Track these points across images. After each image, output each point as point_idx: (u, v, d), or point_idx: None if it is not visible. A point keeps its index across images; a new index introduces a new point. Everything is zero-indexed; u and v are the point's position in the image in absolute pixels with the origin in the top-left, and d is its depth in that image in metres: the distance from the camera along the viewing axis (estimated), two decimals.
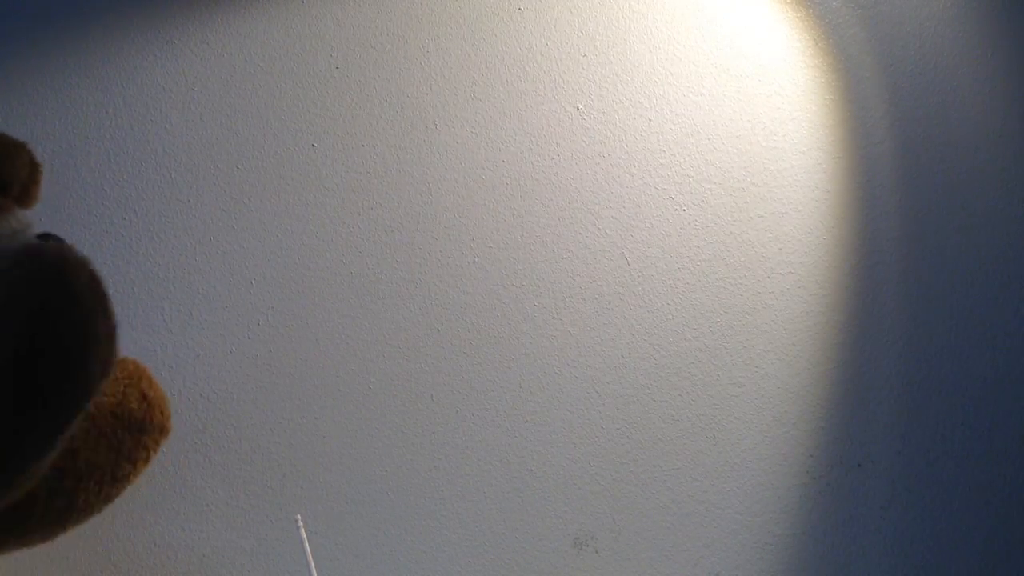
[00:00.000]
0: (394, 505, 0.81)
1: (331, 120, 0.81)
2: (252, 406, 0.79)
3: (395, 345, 0.81)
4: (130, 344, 0.77)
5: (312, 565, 0.69)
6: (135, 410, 0.62)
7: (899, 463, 0.87)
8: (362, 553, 0.81)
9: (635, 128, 0.85)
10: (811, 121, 0.88)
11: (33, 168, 0.59)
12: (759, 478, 0.86)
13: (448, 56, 0.83)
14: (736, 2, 0.87)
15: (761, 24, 0.87)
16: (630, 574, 0.84)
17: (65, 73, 0.77)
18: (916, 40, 0.90)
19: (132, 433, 0.62)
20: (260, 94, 0.80)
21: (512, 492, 0.83)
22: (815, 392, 0.86)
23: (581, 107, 0.85)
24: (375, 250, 0.81)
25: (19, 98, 0.76)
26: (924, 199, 0.90)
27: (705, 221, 0.86)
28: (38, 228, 0.76)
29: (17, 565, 0.74)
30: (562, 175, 0.84)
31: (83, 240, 0.76)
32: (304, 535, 0.69)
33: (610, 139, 0.85)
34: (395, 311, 0.81)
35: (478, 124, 0.83)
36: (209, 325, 0.78)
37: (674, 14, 0.86)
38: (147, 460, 0.64)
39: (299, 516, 0.71)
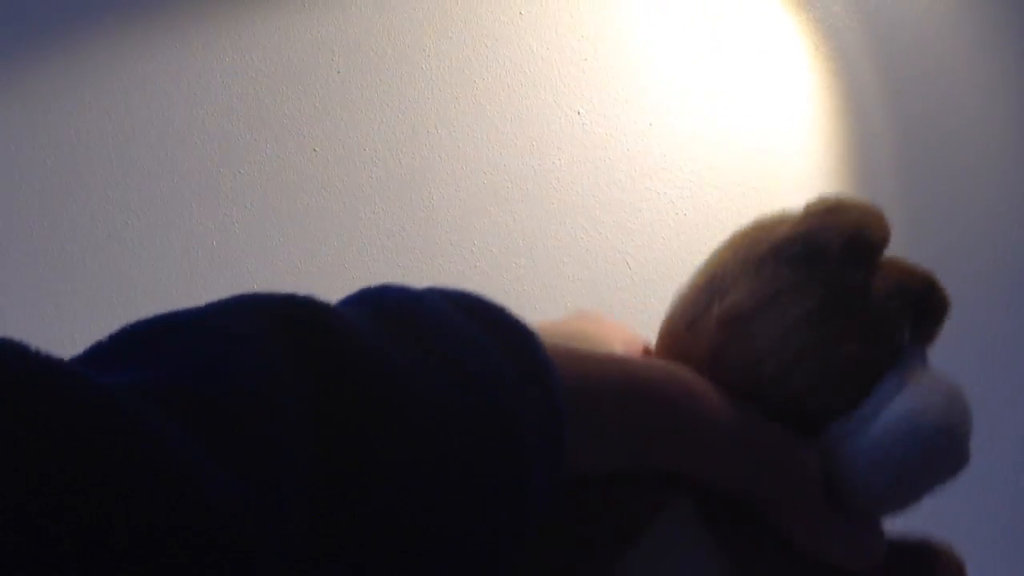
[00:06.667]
0: None
1: (333, 124, 0.81)
2: None
3: None
4: None
5: None
6: None
7: None
8: None
9: (636, 132, 0.85)
10: (812, 125, 0.88)
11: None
12: None
13: (449, 60, 0.83)
14: (737, 7, 0.87)
15: (762, 29, 0.88)
16: None
17: (69, 79, 0.77)
18: (916, 45, 0.91)
19: None
20: (262, 99, 0.80)
21: None
22: None
23: (582, 111, 0.85)
24: (376, 254, 0.81)
25: (23, 103, 0.76)
26: (925, 203, 0.90)
27: (706, 225, 0.86)
28: (39, 231, 0.76)
29: None
30: (563, 179, 0.84)
31: (86, 245, 0.76)
32: None
33: (611, 143, 0.85)
34: None
35: (479, 128, 0.83)
36: None
37: (675, 19, 0.86)
38: None
39: None
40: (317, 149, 0.81)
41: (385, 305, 0.28)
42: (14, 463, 0.18)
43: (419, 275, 0.82)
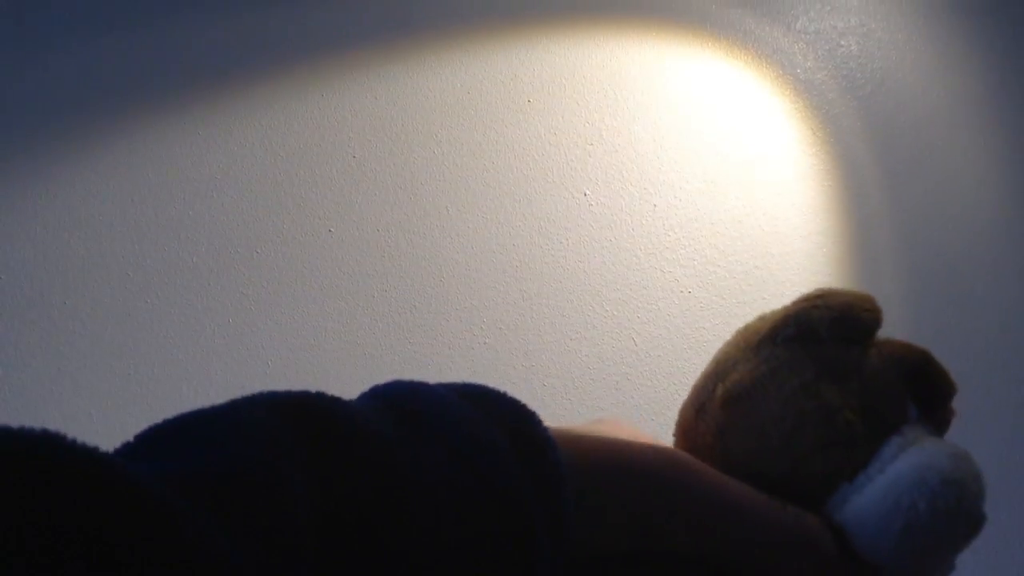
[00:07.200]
0: None
1: (347, 206, 0.82)
2: None
3: None
4: (149, 421, 0.77)
5: None
6: None
7: None
8: None
9: (640, 213, 0.86)
10: (811, 207, 0.89)
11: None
12: None
13: (460, 145, 0.84)
14: (737, 94, 0.89)
15: (761, 115, 0.89)
16: None
17: (92, 163, 0.78)
18: (911, 129, 0.92)
19: None
20: (280, 182, 0.81)
21: None
22: None
23: (588, 193, 0.86)
24: (389, 332, 0.82)
25: (48, 186, 0.78)
26: (923, 285, 0.90)
27: (710, 303, 0.86)
28: (60, 309, 0.76)
29: None
30: (570, 258, 0.85)
31: (106, 324, 0.77)
32: None
33: (616, 224, 0.86)
34: None
35: (489, 209, 0.84)
36: None
37: (677, 105, 0.88)
38: None
39: None
40: (332, 230, 0.82)
41: (393, 398, 0.30)
42: (52, 546, 0.19)
43: (430, 352, 0.82)
